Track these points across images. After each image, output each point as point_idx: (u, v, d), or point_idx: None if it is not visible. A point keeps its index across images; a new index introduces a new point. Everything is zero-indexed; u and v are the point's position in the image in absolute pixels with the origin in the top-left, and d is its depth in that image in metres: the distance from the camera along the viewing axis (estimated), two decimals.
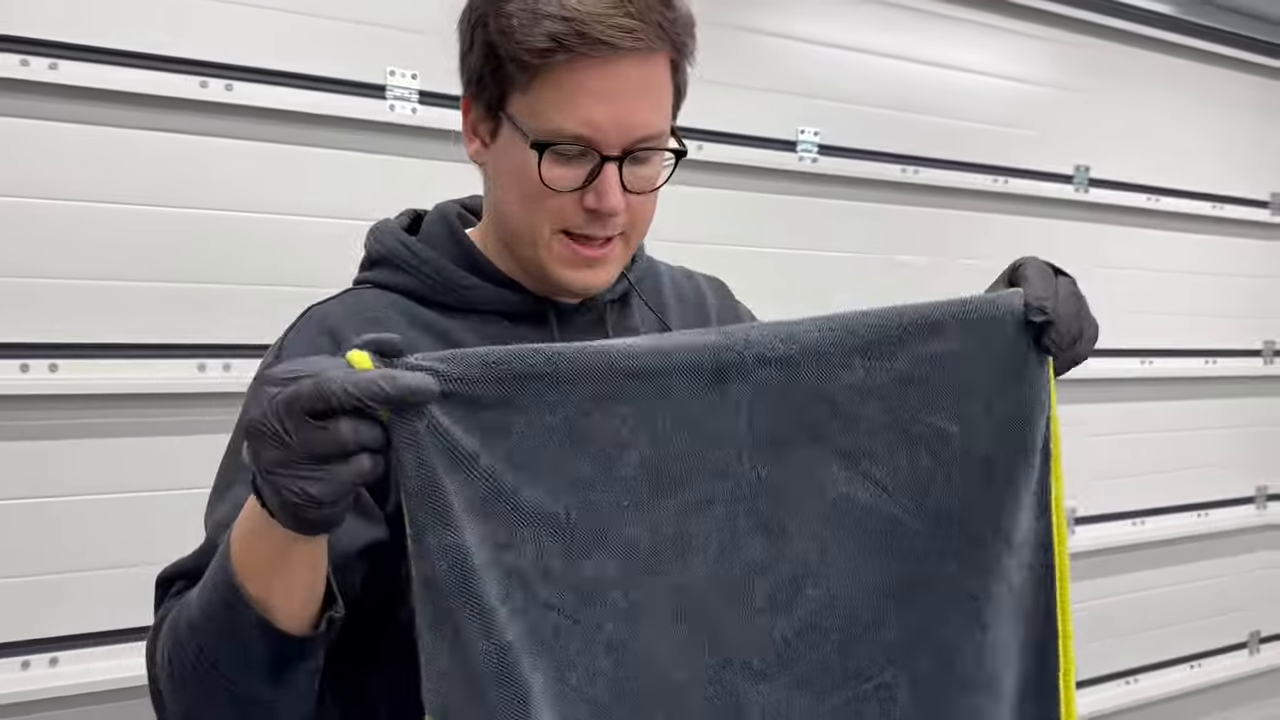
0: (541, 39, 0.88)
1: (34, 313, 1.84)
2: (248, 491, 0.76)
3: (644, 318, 1.11)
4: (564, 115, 0.90)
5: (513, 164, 0.94)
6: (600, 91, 0.90)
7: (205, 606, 0.79)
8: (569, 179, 0.92)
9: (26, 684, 1.84)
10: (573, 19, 0.87)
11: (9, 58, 1.80)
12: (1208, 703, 3.48)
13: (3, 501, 1.83)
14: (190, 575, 0.88)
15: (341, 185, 2.06)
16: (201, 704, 0.83)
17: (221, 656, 0.79)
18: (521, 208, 0.96)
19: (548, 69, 0.89)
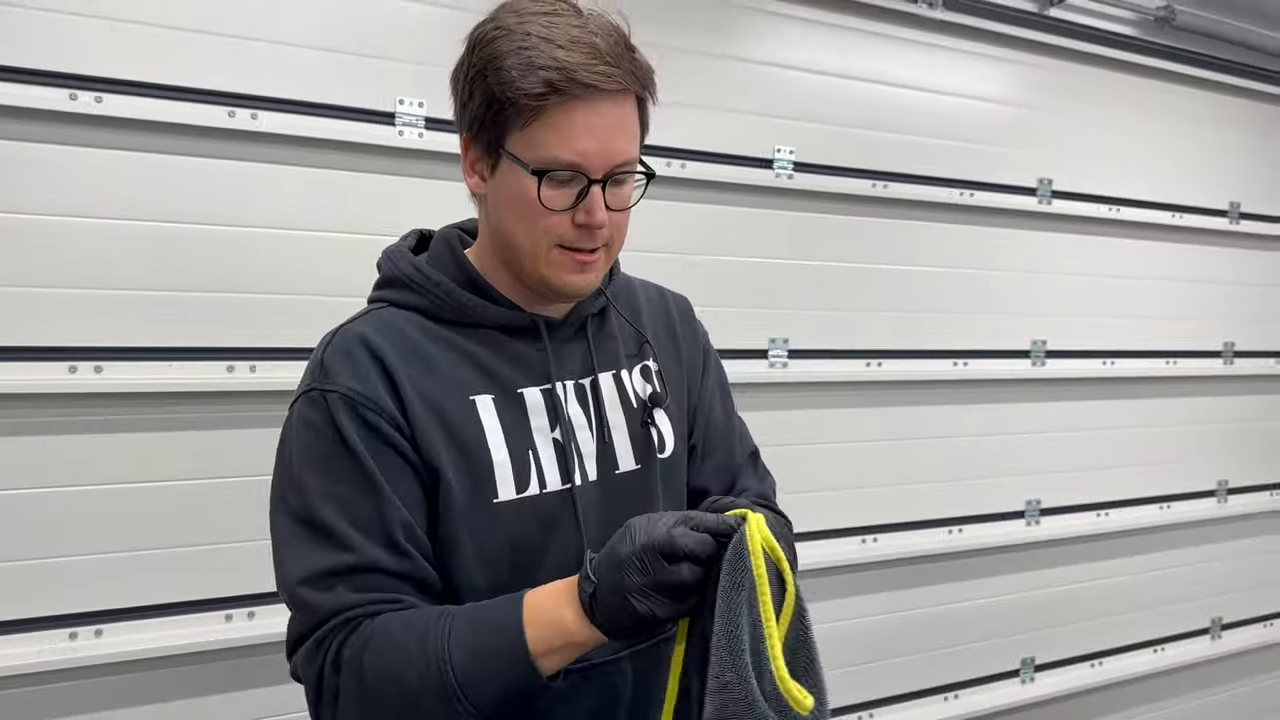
0: (538, 85, 1.06)
1: (81, 320, 1.98)
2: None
3: (620, 328, 1.29)
4: (559, 146, 1.08)
5: (513, 191, 1.11)
6: (587, 125, 1.08)
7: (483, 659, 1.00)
8: (562, 200, 1.10)
9: (74, 652, 1.97)
10: (563, 68, 1.06)
11: (60, 92, 1.93)
12: (1171, 686, 3.61)
13: (53, 489, 1.97)
14: (346, 572, 1.05)
15: (356, 204, 2.19)
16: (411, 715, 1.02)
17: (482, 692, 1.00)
18: (523, 227, 1.12)
19: (544, 110, 1.07)
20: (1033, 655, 3.31)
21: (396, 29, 2.24)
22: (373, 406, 1.09)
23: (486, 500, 1.13)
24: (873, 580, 2.97)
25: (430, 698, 1.01)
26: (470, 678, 1.00)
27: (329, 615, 1.05)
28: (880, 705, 3.00)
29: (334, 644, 1.05)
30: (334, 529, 1.07)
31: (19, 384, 1.93)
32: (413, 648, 1.01)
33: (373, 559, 1.06)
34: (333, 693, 1.05)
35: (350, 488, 1.08)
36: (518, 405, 1.17)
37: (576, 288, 1.17)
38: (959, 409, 3.10)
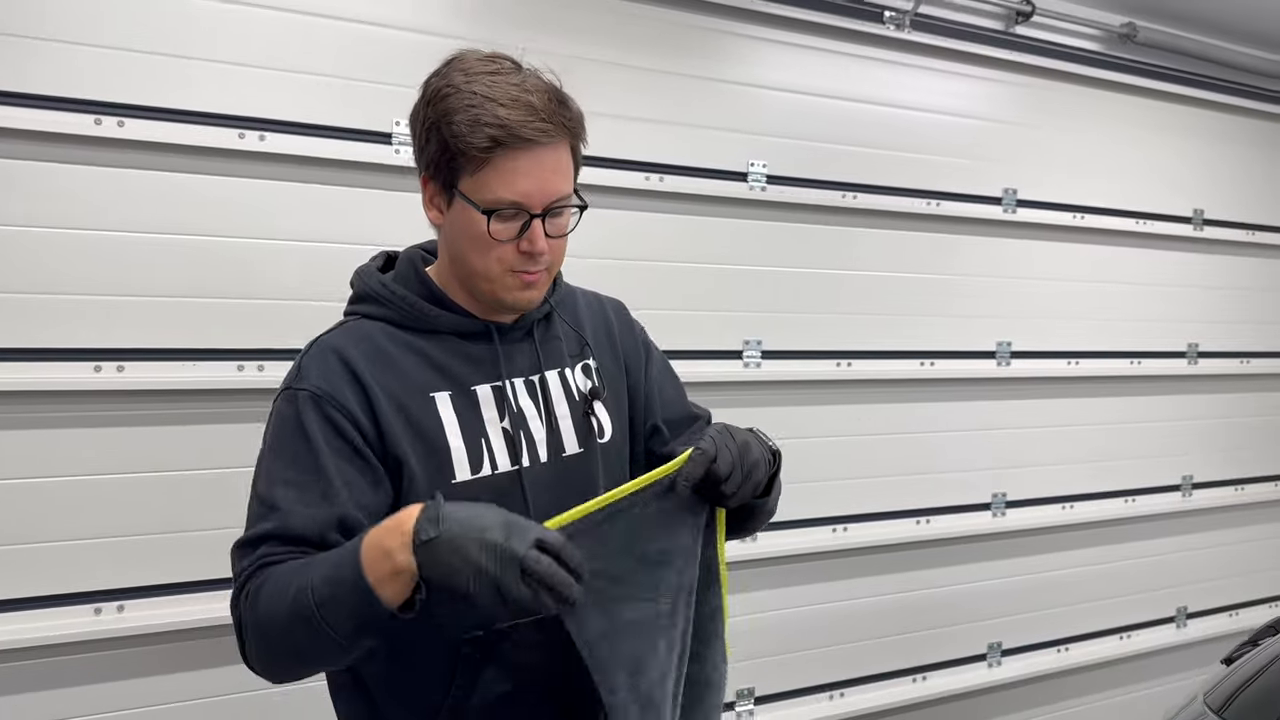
0: (484, 140, 1.24)
1: (104, 324, 2.16)
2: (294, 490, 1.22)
3: (563, 331, 1.49)
4: (503, 189, 1.27)
5: (466, 226, 1.30)
6: (526, 172, 1.27)
7: (331, 585, 1.12)
8: (508, 232, 1.29)
9: (98, 626, 2.16)
10: (505, 126, 1.24)
11: (84, 118, 2.11)
12: (1137, 671, 3.78)
13: (78, 477, 2.15)
14: (273, 538, 1.21)
15: (354, 217, 2.37)
16: (292, 641, 1.17)
17: (337, 618, 1.13)
18: (477, 256, 1.31)
19: (490, 160, 1.26)
20: (1000, 640, 3.48)
21: (392, 56, 2.42)
22: (336, 405, 1.27)
23: (446, 481, 1.30)
24: (843, 567, 3.14)
25: (300, 624, 1.14)
26: (324, 602, 1.13)
27: (247, 568, 1.22)
28: (850, 685, 3.18)
29: (247, 589, 1.21)
30: (275, 503, 1.24)
31: (49, 382, 2.12)
32: (289, 582, 1.16)
33: (299, 529, 1.22)
34: (243, 629, 1.21)
35: (299, 472, 1.25)
36: (471, 400, 1.35)
37: (525, 302, 1.37)
38: (926, 406, 3.28)
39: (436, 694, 1.30)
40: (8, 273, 2.09)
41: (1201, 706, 1.80)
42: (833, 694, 3.15)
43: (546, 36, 2.58)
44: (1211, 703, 1.79)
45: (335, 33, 2.37)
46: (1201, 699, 1.83)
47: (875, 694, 3.22)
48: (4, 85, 2.06)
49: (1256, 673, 1.83)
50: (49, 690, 2.15)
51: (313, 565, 1.17)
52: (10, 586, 2.11)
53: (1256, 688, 1.78)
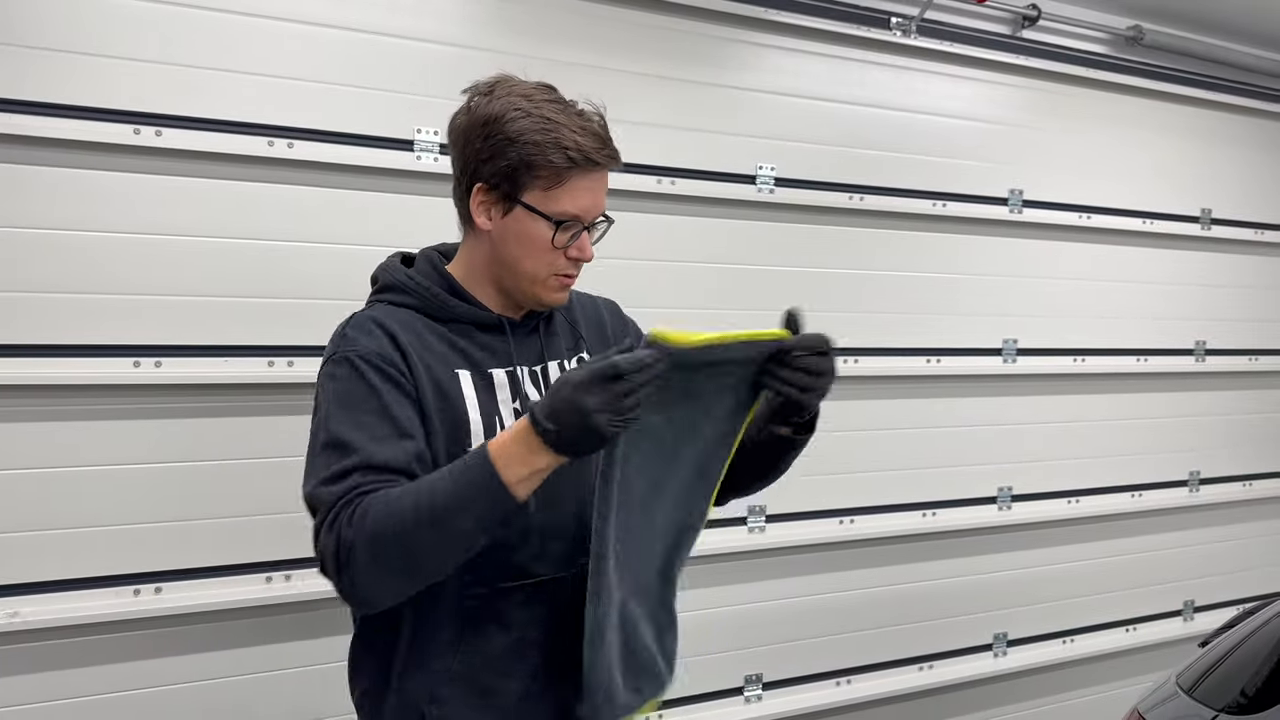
0: (563, 161, 1.41)
1: (143, 322, 2.27)
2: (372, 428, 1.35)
3: (561, 327, 1.63)
4: (570, 204, 1.44)
5: (527, 233, 1.45)
6: (589, 190, 1.46)
7: (464, 489, 1.26)
8: (564, 241, 1.46)
9: (137, 606, 2.27)
10: (583, 150, 1.42)
11: (124, 127, 2.22)
12: (1143, 663, 3.81)
13: (119, 466, 2.26)
14: (362, 468, 1.31)
15: (378, 220, 2.48)
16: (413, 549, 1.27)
17: (466, 520, 1.26)
18: (531, 260, 1.46)
19: (565, 179, 1.43)
20: (1005, 631, 3.56)
21: (413, 67, 2.53)
22: (388, 361, 1.41)
23: (462, 449, 1.42)
24: (851, 558, 3.23)
25: (424, 530, 1.26)
26: (456, 507, 1.26)
27: (340, 496, 1.31)
28: (856, 673, 3.27)
29: (344, 516, 1.29)
30: (352, 443, 1.34)
31: (90, 376, 2.23)
32: (406, 498, 1.28)
33: (385, 460, 1.33)
34: (348, 550, 1.28)
35: (369, 415, 1.37)
36: (488, 380, 1.50)
37: (559, 301, 1.54)
38: (932, 402, 3.36)
39: (447, 655, 1.44)
40: (54, 274, 2.21)
41: (1173, 687, 1.89)
42: (839, 680, 3.24)
43: (562, 46, 2.69)
44: (1183, 683, 1.88)
45: (359, 45, 2.48)
46: (1174, 680, 1.92)
47: (881, 681, 3.30)
48: (48, 97, 2.18)
49: (1226, 654, 1.91)
50: (91, 666, 2.27)
51: (432, 484, 1.29)
52: (55, 568, 2.23)
53: (1224, 667, 1.86)
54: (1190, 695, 1.83)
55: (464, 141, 1.47)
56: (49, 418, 2.22)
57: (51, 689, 2.24)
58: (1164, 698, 1.90)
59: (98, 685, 2.28)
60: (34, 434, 2.21)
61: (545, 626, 1.49)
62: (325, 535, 1.31)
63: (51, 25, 2.19)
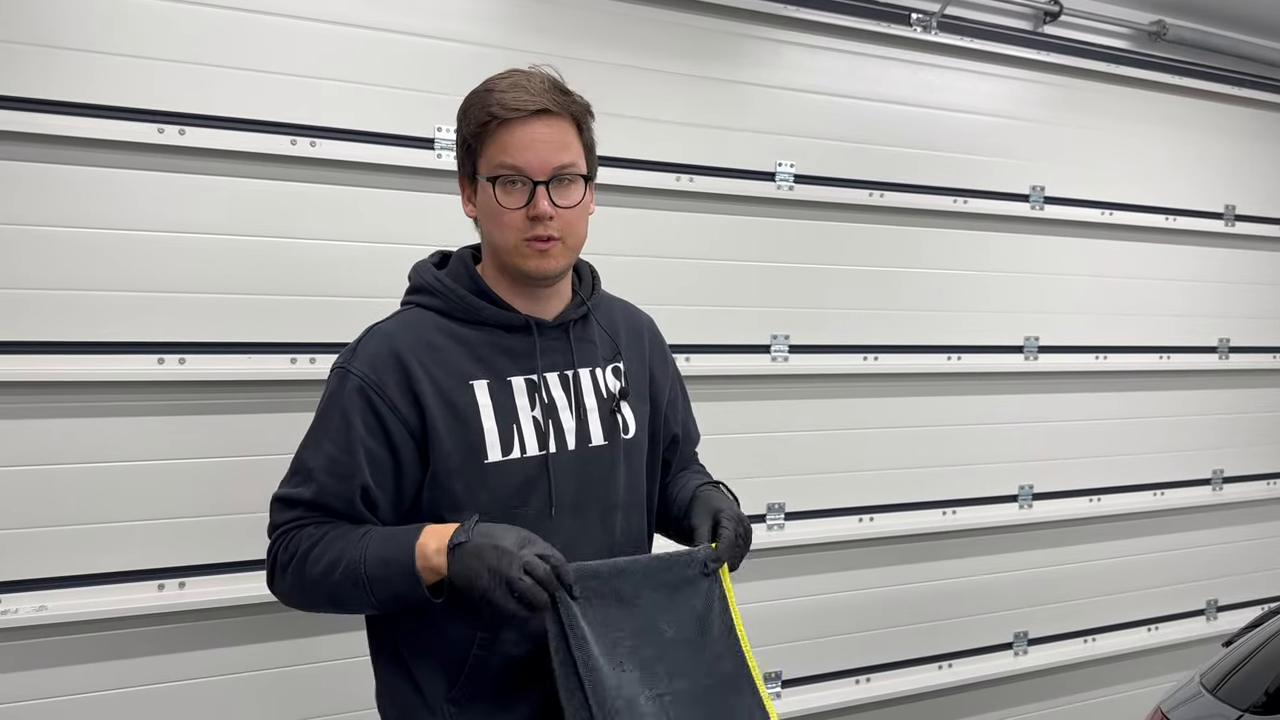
0: (483, 117, 1.44)
1: (167, 318, 2.29)
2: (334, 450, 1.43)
3: (599, 334, 1.62)
4: (502, 156, 1.44)
5: (485, 204, 1.48)
6: (521, 142, 1.44)
7: (385, 567, 1.35)
8: (514, 201, 1.45)
9: (161, 600, 2.29)
10: (501, 104, 1.43)
11: (149, 126, 2.25)
12: (1165, 663, 3.80)
13: (144, 462, 2.29)
14: (306, 504, 1.43)
15: (399, 218, 2.50)
16: (335, 593, 1.39)
17: (383, 589, 1.36)
18: (497, 229, 1.47)
19: (487, 134, 1.45)
20: (1025, 629, 3.55)
21: (434, 65, 2.54)
22: (377, 390, 1.44)
23: (479, 461, 1.45)
24: (870, 555, 3.23)
25: (348, 585, 1.38)
26: (375, 577, 1.37)
27: (283, 524, 1.45)
28: (876, 670, 3.26)
29: (281, 544, 1.45)
30: (314, 473, 1.43)
31: (114, 373, 2.26)
32: (343, 549, 1.39)
33: (327, 501, 1.43)
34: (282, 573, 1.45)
35: (335, 446, 1.43)
36: (506, 389, 1.49)
37: (543, 270, 1.49)
38: (953, 400, 3.35)
39: (460, 651, 1.45)
40: (78, 271, 2.23)
41: (1197, 686, 1.88)
42: (859, 679, 3.24)
43: (582, 45, 2.70)
44: (1207, 682, 1.87)
45: (381, 44, 2.49)
46: (1198, 679, 1.91)
47: (901, 679, 3.30)
48: (72, 97, 2.21)
49: (1250, 653, 1.89)
50: (116, 660, 2.30)
51: (365, 540, 1.39)
52: (81, 563, 2.26)
53: (1249, 667, 1.85)
54: (1214, 695, 1.81)
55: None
56: (74, 414, 2.25)
57: (77, 682, 2.27)
58: (1188, 697, 1.88)
59: (122, 679, 2.31)
60: (59, 430, 2.24)
61: None
62: (269, 548, 1.48)
63: (74, 25, 2.21)
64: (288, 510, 1.45)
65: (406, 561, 1.35)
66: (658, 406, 1.70)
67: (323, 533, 1.42)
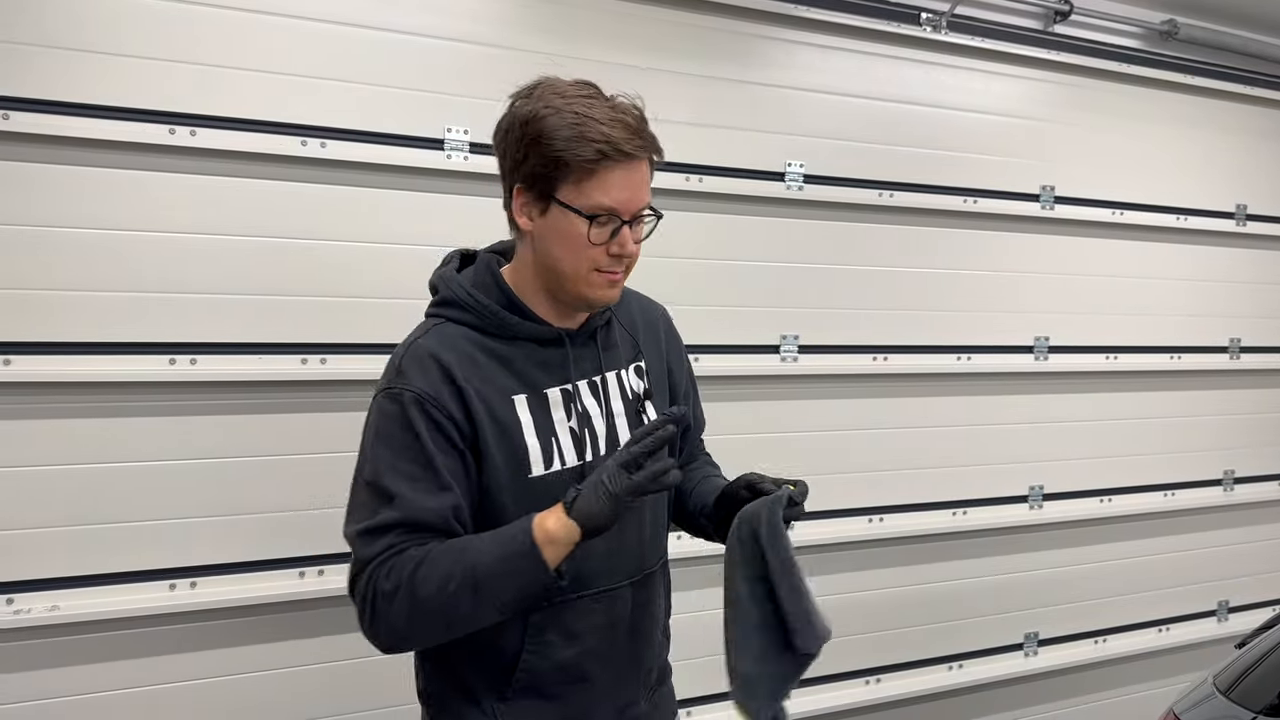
0: (591, 153, 1.40)
1: (178, 319, 2.30)
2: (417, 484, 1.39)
3: (620, 335, 1.63)
4: (603, 197, 1.42)
5: (564, 229, 1.44)
6: (622, 183, 1.43)
7: (506, 563, 1.34)
8: (602, 236, 1.44)
9: (172, 600, 2.30)
10: (610, 141, 1.40)
11: (160, 128, 2.26)
12: (1176, 664, 3.79)
13: (155, 462, 2.29)
14: (400, 526, 1.37)
15: (409, 219, 2.50)
16: (451, 610, 1.35)
17: (505, 588, 1.35)
18: (570, 257, 1.46)
19: (595, 171, 1.41)
20: (1036, 630, 3.54)
21: (443, 66, 2.54)
22: (437, 406, 1.41)
23: (524, 476, 1.46)
24: (880, 556, 3.22)
25: (466, 595, 1.34)
26: (497, 573, 1.35)
27: (379, 553, 1.37)
28: (886, 671, 3.26)
29: (380, 572, 1.36)
30: (395, 494, 1.38)
31: (126, 374, 2.27)
32: (447, 562, 1.35)
33: (420, 518, 1.38)
34: (386, 604, 1.36)
35: (413, 464, 1.39)
36: (543, 402, 1.50)
37: (608, 299, 1.52)
38: (962, 400, 3.34)
39: (511, 654, 1.48)
40: (87, 272, 2.24)
41: (1210, 688, 1.87)
42: (869, 679, 3.23)
43: (591, 45, 2.69)
44: (1220, 684, 1.86)
45: (390, 45, 2.50)
46: (1211, 680, 1.90)
47: (911, 680, 3.29)
48: (83, 98, 2.21)
49: (1263, 656, 1.89)
50: (128, 660, 2.31)
51: (470, 548, 1.37)
52: (91, 563, 2.27)
53: (1262, 669, 1.84)
54: (1227, 696, 1.81)
55: (504, 144, 1.48)
56: (85, 414, 2.26)
57: (88, 682, 2.28)
58: (1200, 699, 1.88)
59: (134, 679, 2.32)
60: (70, 430, 2.25)
61: (604, 634, 1.54)
62: (362, 586, 1.38)
63: (83, 26, 2.22)
64: (378, 539, 1.38)
65: (529, 549, 1.35)
66: (676, 398, 1.72)
67: (424, 553, 1.37)
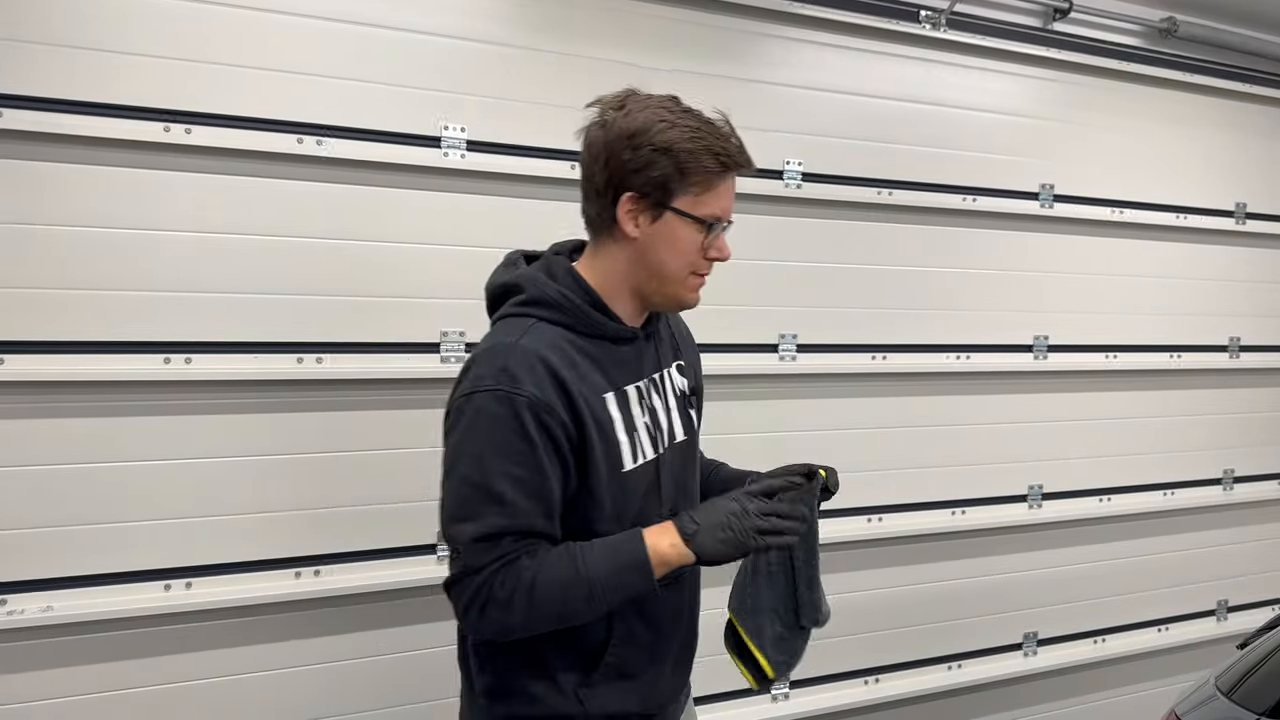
0: (715, 165, 1.49)
1: (174, 318, 2.28)
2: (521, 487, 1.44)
3: (665, 334, 1.73)
4: (717, 206, 1.53)
5: (676, 236, 1.52)
6: (730, 192, 1.55)
7: (620, 574, 1.45)
8: (709, 241, 1.55)
9: (168, 601, 2.29)
10: (731, 155, 1.51)
11: (154, 125, 2.24)
12: (1175, 664, 3.78)
13: (149, 462, 2.28)
14: (512, 533, 1.42)
15: (404, 217, 2.49)
16: (565, 610, 1.44)
17: (617, 596, 1.46)
18: (678, 261, 1.54)
19: (713, 181, 1.51)
20: (1035, 630, 3.53)
21: (441, 62, 2.53)
22: (549, 411, 1.44)
23: (618, 472, 1.53)
24: (879, 556, 3.21)
25: (579, 603, 1.44)
26: (610, 586, 1.45)
27: (492, 562, 1.42)
28: (885, 671, 3.25)
29: (497, 581, 1.42)
30: (507, 500, 1.42)
31: (120, 373, 2.25)
32: (563, 569, 1.43)
33: (531, 524, 1.44)
34: (500, 610, 1.42)
35: (524, 469, 1.43)
36: (624, 399, 1.56)
37: (695, 301, 1.62)
38: (962, 400, 3.33)
39: (596, 645, 1.56)
40: (82, 270, 2.22)
41: (1212, 689, 1.86)
42: (867, 680, 3.22)
43: (588, 42, 2.68)
44: (1222, 685, 1.85)
45: (386, 42, 2.48)
46: (1213, 681, 1.89)
47: (910, 680, 3.28)
48: (75, 95, 2.20)
49: (1266, 656, 1.87)
50: (123, 660, 2.30)
51: (583, 559, 1.45)
52: (86, 564, 2.26)
53: (1265, 670, 1.83)
54: (1230, 698, 1.79)
55: (607, 154, 1.51)
56: (79, 414, 2.24)
57: (84, 683, 2.27)
58: (1202, 700, 1.86)
59: (129, 680, 2.31)
60: (64, 430, 2.23)
61: (674, 618, 1.66)
62: (472, 591, 1.43)
63: (78, 23, 2.20)
64: (491, 547, 1.43)
65: (643, 566, 1.45)
66: (699, 397, 1.81)
67: (538, 563, 1.44)
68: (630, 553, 1.46)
